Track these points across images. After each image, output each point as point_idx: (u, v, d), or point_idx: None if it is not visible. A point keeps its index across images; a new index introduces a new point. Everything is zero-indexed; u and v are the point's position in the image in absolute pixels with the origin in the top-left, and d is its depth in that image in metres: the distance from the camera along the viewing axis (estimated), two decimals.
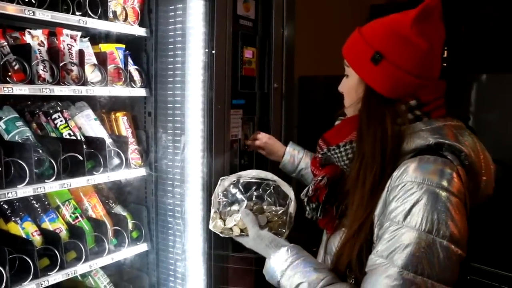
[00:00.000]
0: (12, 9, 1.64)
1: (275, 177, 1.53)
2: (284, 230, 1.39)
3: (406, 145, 1.12)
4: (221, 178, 1.57)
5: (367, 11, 4.35)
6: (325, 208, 1.31)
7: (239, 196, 1.52)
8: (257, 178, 1.54)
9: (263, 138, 2.16)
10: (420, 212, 0.99)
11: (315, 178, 1.36)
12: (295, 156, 2.02)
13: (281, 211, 1.43)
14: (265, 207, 1.44)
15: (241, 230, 1.40)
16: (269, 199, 1.50)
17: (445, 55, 4.78)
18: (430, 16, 1.14)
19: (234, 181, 1.55)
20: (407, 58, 1.14)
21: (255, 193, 1.52)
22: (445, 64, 4.82)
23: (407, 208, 1.01)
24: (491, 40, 4.59)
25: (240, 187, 1.54)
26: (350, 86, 1.26)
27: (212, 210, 1.51)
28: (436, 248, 0.97)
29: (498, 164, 1.21)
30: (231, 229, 1.42)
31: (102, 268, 2.12)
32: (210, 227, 1.49)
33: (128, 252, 2.13)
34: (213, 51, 2.01)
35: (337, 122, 1.38)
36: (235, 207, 1.48)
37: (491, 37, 4.60)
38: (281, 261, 1.21)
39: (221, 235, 1.45)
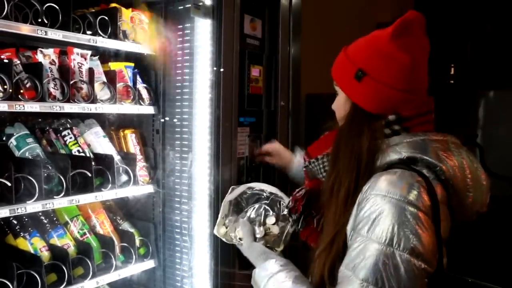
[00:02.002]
0: (26, 29, 1.68)
1: (282, 194, 1.59)
2: (278, 246, 1.44)
3: (380, 159, 1.13)
4: (232, 186, 1.65)
5: (373, 29, 4.39)
6: (306, 220, 1.34)
7: (246, 206, 1.59)
8: (266, 191, 1.60)
9: (272, 143, 2.16)
10: (382, 224, 0.99)
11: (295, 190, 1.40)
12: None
13: (280, 225, 1.48)
14: (267, 220, 1.49)
15: (240, 239, 1.47)
16: (274, 214, 1.54)
17: (452, 72, 4.79)
18: (409, 29, 1.15)
19: (244, 191, 1.62)
20: (389, 73, 1.14)
21: (263, 206, 1.56)
22: (452, 81, 4.84)
23: (371, 221, 1.02)
24: (498, 57, 4.60)
25: (248, 198, 1.60)
26: (339, 104, 1.28)
27: (220, 216, 1.59)
28: (396, 261, 0.96)
29: (506, 181, 1.21)
30: (231, 236, 1.51)
31: (109, 284, 2.12)
32: (214, 231, 1.58)
33: (135, 268, 2.14)
34: (221, 70, 2.04)
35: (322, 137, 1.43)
36: (240, 216, 1.55)
37: (498, 53, 4.61)
38: (265, 272, 1.25)
39: (223, 239, 1.54)
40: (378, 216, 1.01)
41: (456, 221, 1.14)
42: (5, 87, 1.66)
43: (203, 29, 2.07)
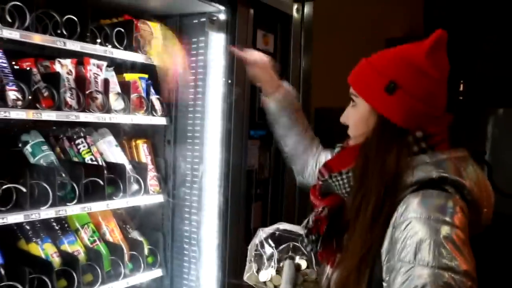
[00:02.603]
0: (46, 40, 1.73)
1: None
2: None
3: (408, 178, 1.10)
4: (260, 229, 1.53)
5: (382, 44, 4.42)
6: (325, 240, 1.26)
7: (274, 249, 1.47)
8: (295, 233, 1.47)
9: (265, 58, 1.76)
10: (429, 249, 0.98)
11: (316, 208, 1.31)
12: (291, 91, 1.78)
13: (316, 268, 1.41)
14: (303, 265, 1.40)
15: (275, 286, 1.38)
16: (305, 256, 1.44)
17: (461, 88, 4.80)
18: (441, 47, 1.16)
19: (272, 232, 1.50)
20: (422, 88, 1.14)
21: (291, 248, 1.46)
22: (461, 98, 4.84)
23: (416, 246, 0.99)
24: (508, 74, 4.60)
25: (276, 240, 1.49)
26: (360, 117, 1.22)
27: (248, 261, 1.48)
28: (451, 284, 0.95)
29: None
30: (265, 283, 1.41)
31: None
32: (245, 278, 1.47)
33: (143, 277, 2.16)
34: (233, 83, 2.08)
35: (336, 150, 1.38)
36: (270, 260, 1.44)
37: (508, 71, 4.61)
38: None
39: (255, 287, 1.44)
40: (422, 241, 0.99)
41: None
42: (24, 95, 1.70)
43: (216, 42, 2.12)
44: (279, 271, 1.42)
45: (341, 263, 1.20)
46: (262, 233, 1.50)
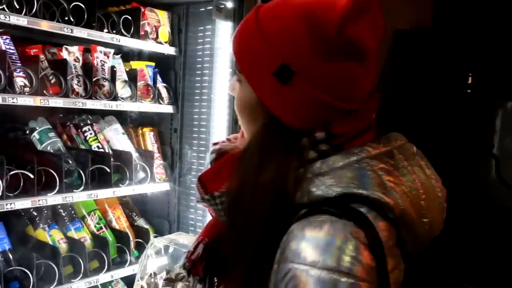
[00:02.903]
0: (53, 27, 1.73)
1: None
2: None
3: (300, 194, 0.78)
4: (154, 239, 1.23)
5: (390, 36, 4.39)
6: (211, 279, 0.94)
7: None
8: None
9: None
10: None
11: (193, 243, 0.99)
12: None
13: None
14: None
15: None
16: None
17: (470, 81, 4.76)
18: (366, 10, 0.76)
19: (166, 245, 1.22)
20: (330, 75, 0.77)
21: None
22: (469, 91, 4.81)
23: None
24: None
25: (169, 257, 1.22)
26: (245, 100, 0.85)
27: (137, 277, 1.24)
28: None
29: None
30: None
31: (122, 278, 2.16)
32: None
33: None
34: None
35: (211, 155, 0.92)
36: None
37: None
38: None
39: None
40: None
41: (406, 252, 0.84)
42: (32, 82, 1.71)
43: (223, 31, 2.11)
44: None
45: None
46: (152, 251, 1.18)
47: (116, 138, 2.17)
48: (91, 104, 1.90)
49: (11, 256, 1.72)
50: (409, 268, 0.87)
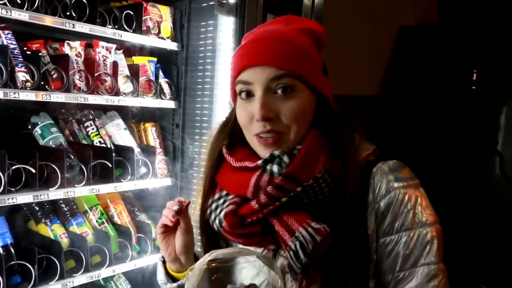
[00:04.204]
0: (55, 22, 1.73)
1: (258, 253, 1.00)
2: None
3: (361, 153, 1.07)
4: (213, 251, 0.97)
5: (396, 32, 4.37)
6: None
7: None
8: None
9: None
10: (422, 208, 1.00)
11: (299, 230, 0.97)
12: None
13: None
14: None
15: None
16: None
17: (474, 78, 4.74)
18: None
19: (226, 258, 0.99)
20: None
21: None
22: (474, 87, 4.78)
23: (411, 210, 0.99)
24: None
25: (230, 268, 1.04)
26: (303, 107, 1.02)
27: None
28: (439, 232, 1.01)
29: None
30: None
31: (124, 273, 2.17)
32: None
33: (151, 259, 2.17)
34: None
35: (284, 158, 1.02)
36: None
37: None
38: None
39: None
40: (416, 202, 0.99)
41: None
42: (33, 77, 1.71)
43: (226, 26, 2.10)
44: None
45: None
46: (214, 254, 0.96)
47: (118, 133, 2.17)
48: (93, 99, 1.90)
49: (13, 250, 1.73)
50: None
